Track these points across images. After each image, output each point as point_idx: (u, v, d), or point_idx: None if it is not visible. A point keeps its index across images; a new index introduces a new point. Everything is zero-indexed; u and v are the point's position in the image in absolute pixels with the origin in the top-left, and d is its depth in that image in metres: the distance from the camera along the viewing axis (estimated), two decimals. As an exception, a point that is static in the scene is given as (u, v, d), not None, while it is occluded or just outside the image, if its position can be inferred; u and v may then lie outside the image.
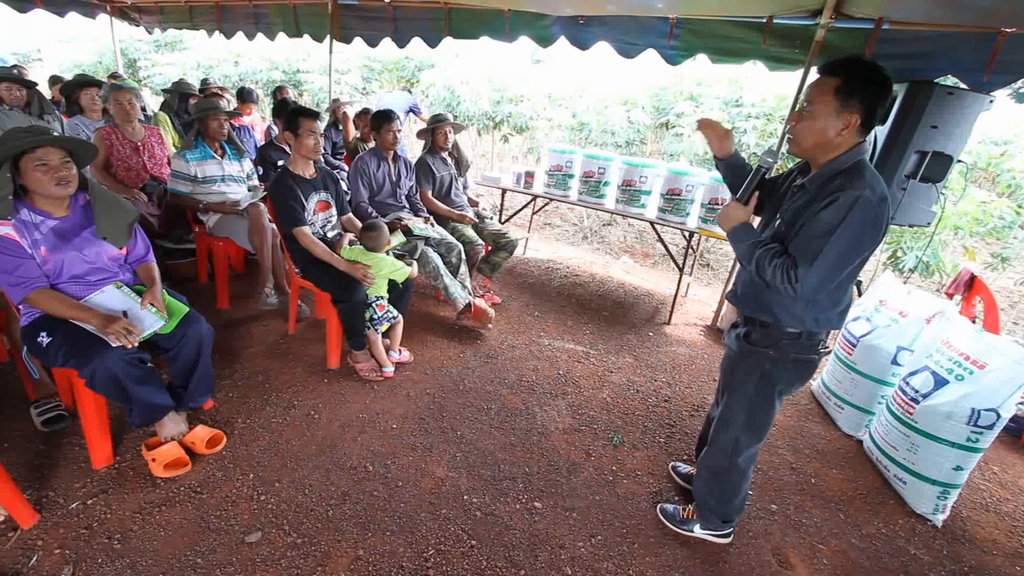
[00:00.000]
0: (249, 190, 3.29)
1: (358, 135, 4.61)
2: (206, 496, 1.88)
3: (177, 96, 4.88)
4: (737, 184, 1.70)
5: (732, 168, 1.76)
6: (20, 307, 1.81)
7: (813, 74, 2.79)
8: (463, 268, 3.20)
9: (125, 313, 1.83)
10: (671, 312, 3.78)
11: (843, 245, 1.35)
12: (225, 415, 2.29)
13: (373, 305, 2.62)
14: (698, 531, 1.92)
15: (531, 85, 8.33)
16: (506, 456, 2.25)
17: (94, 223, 1.89)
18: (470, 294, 3.19)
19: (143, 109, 4.30)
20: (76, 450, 2.00)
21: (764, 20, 2.99)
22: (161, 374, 1.98)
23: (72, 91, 3.90)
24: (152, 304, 1.90)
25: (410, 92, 6.70)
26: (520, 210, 4.72)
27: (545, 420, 2.52)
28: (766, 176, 1.58)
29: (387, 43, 4.55)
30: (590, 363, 3.09)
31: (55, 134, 1.81)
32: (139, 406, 1.87)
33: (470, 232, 3.43)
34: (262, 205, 3.03)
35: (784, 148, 1.76)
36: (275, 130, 4.42)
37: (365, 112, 4.49)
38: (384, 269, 2.60)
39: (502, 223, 4.11)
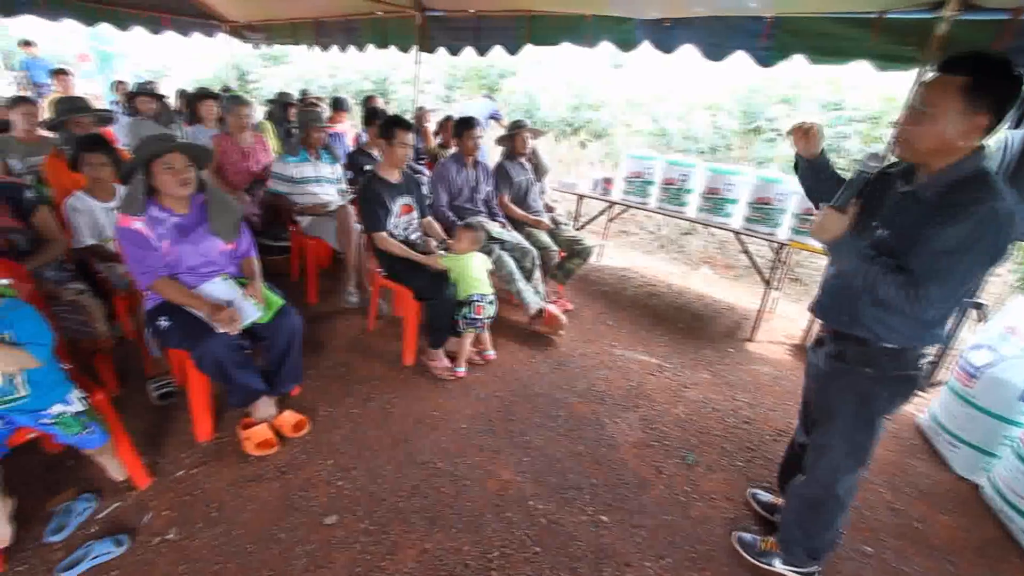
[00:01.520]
0: (339, 193, 3.51)
1: (439, 142, 4.77)
2: (291, 477, 2.01)
3: (279, 106, 5.33)
4: (819, 188, 1.61)
5: (816, 169, 1.64)
6: (146, 293, 2.05)
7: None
8: (537, 273, 3.21)
9: (230, 303, 2.01)
10: (754, 328, 3.56)
11: (973, 262, 1.22)
12: (309, 403, 2.44)
13: (472, 305, 2.66)
14: (779, 566, 1.78)
15: (610, 90, 8.24)
16: (573, 465, 2.22)
17: (208, 220, 2.09)
18: (543, 300, 3.19)
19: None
20: (183, 424, 2.22)
21: (874, 16, 2.75)
22: (256, 361, 2.15)
23: (193, 103, 4.38)
24: (252, 296, 2.08)
25: (492, 99, 6.84)
26: (596, 217, 4.66)
27: (615, 432, 2.46)
28: (867, 182, 1.44)
29: (468, 51, 4.68)
30: (664, 377, 2.98)
31: (181, 140, 2.02)
32: (237, 388, 2.04)
33: (545, 238, 3.43)
34: (350, 207, 3.22)
35: (889, 151, 1.61)
36: (364, 137, 4.67)
37: (447, 119, 4.63)
38: (475, 266, 2.67)
39: (577, 229, 4.07)
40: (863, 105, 5.55)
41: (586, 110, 7.56)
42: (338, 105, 5.46)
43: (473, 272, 2.68)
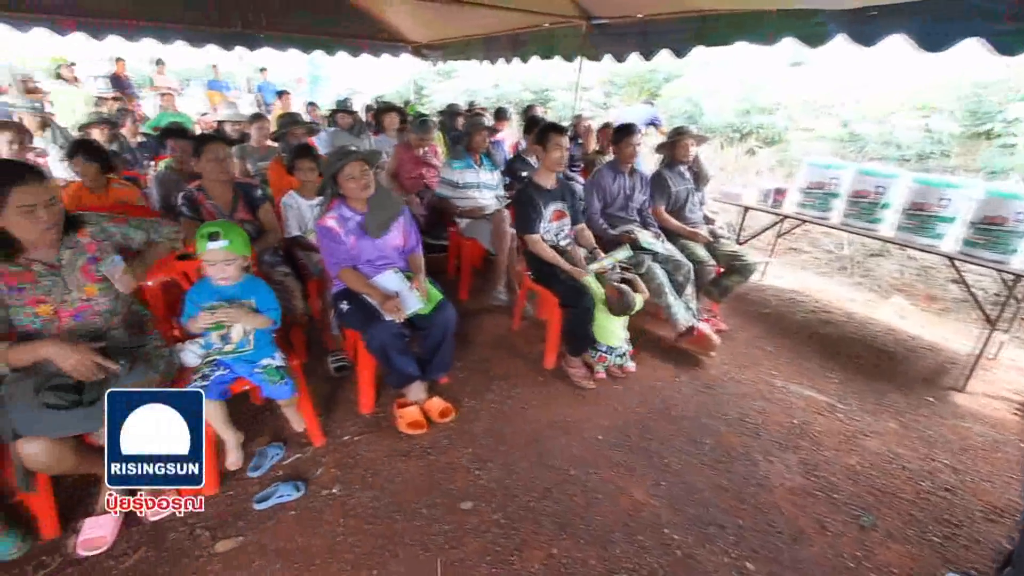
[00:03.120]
0: (496, 198, 3.70)
1: (597, 148, 4.77)
2: (434, 458, 2.16)
3: (448, 116, 5.82)
4: None
5: None
6: (334, 280, 2.37)
7: None
8: (689, 288, 3.00)
9: (397, 294, 2.24)
10: (968, 376, 2.89)
11: None
12: (455, 392, 2.59)
13: (598, 353, 2.73)
14: None
15: (787, 91, 7.41)
16: (716, 499, 2.03)
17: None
18: (694, 316, 2.98)
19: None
20: (351, 395, 2.52)
21: None
22: (412, 347, 2.35)
23: (378, 115, 5.00)
24: (417, 289, 2.28)
25: (652, 104, 6.63)
26: (762, 231, 4.23)
27: (769, 472, 2.19)
28: None
29: (632, 57, 4.59)
30: (835, 418, 2.58)
31: (355, 149, 2.30)
32: (395, 371, 2.26)
33: (701, 251, 3.20)
34: (505, 212, 3.36)
35: None
36: (523, 144, 4.87)
37: (606, 126, 4.61)
38: (616, 323, 2.69)
39: (739, 244, 3.74)
40: None
41: (757, 114, 6.89)
42: (500, 114, 5.78)
43: (611, 326, 2.70)
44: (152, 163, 4.58)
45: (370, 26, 7.28)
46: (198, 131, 5.74)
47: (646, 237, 3.04)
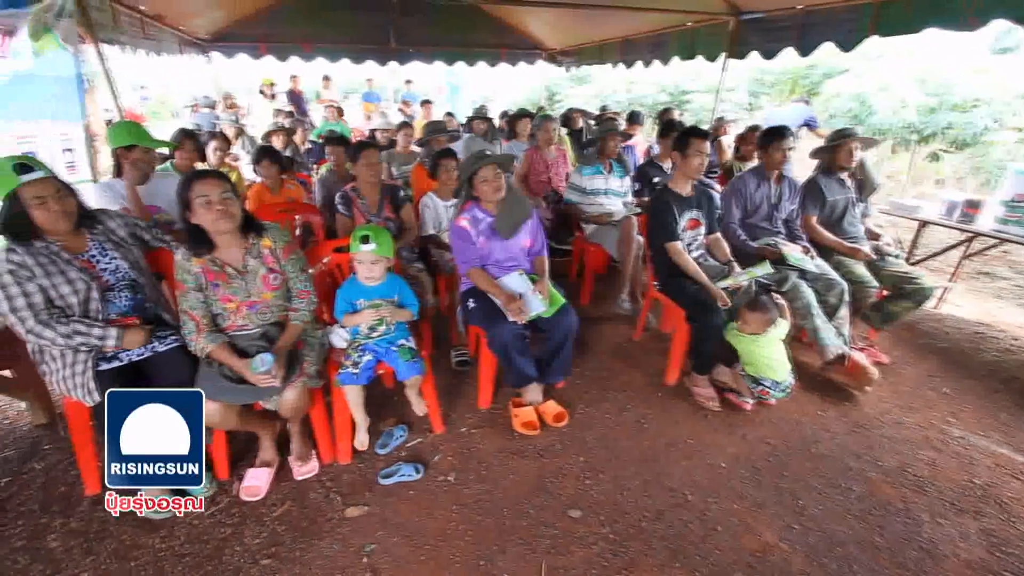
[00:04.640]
0: (624, 204, 3.61)
1: (737, 155, 4.42)
2: (546, 461, 2.17)
3: (564, 117, 5.86)
4: None
5: None
6: (463, 278, 2.49)
7: None
8: (843, 311, 2.63)
9: (521, 295, 2.28)
10: None
11: None
12: (570, 397, 2.57)
13: (758, 387, 2.48)
14: None
15: (991, 84, 6.16)
16: (864, 557, 1.76)
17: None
18: (846, 344, 2.62)
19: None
20: (470, 389, 2.62)
21: None
22: (531, 349, 2.38)
23: (511, 121, 5.17)
24: (540, 292, 2.31)
25: (807, 103, 5.98)
26: (944, 251, 3.57)
27: (937, 536, 1.84)
28: None
29: (785, 53, 4.18)
30: (1037, 485, 2.08)
31: (489, 153, 2.39)
32: (515, 371, 2.31)
33: (861, 270, 2.79)
34: (634, 219, 3.26)
35: None
36: (655, 150, 4.68)
37: (753, 129, 4.25)
38: (769, 344, 2.42)
39: (911, 264, 3.19)
40: None
41: (947, 112, 5.80)
42: (633, 119, 5.63)
43: (765, 351, 2.40)
44: (316, 166, 5.24)
45: (508, 36, 7.60)
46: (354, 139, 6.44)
47: (793, 252, 2.72)
